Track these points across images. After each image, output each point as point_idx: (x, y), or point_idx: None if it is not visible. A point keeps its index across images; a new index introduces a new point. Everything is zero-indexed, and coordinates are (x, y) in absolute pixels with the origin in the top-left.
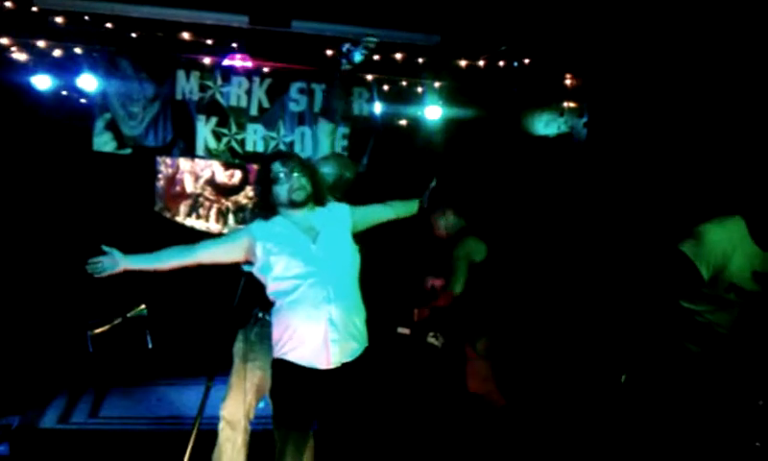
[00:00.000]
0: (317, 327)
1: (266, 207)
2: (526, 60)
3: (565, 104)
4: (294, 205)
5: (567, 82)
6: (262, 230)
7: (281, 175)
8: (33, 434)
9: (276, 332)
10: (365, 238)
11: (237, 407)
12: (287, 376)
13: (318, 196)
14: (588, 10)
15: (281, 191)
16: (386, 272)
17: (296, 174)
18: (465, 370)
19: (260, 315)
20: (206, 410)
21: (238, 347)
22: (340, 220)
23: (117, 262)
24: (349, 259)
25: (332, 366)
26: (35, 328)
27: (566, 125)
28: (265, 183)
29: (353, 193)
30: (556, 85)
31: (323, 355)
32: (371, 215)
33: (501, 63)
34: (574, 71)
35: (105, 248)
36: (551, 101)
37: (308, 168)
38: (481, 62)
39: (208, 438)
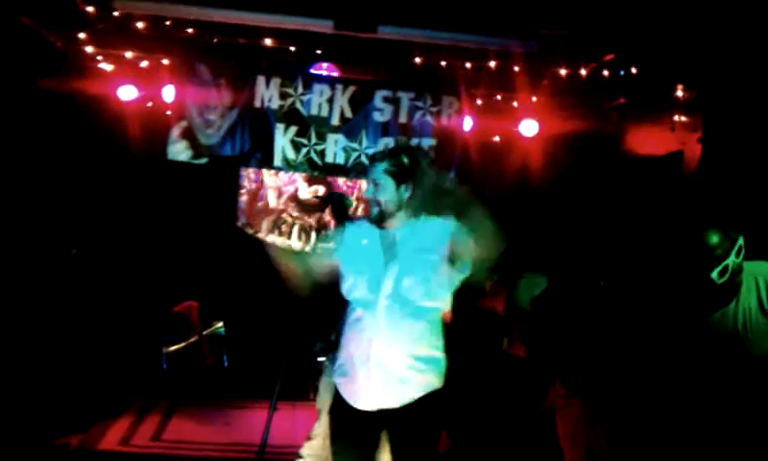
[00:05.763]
0: (364, 363)
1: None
2: (633, 70)
3: (677, 118)
4: (369, 220)
5: (679, 93)
6: (348, 232)
7: (370, 179)
8: (91, 457)
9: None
10: None
11: (322, 448)
12: (335, 406)
13: (425, 207)
14: (703, 13)
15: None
16: None
17: (374, 185)
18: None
19: None
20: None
21: (326, 381)
22: (432, 239)
23: None
24: (425, 292)
25: (370, 409)
26: (109, 343)
27: (678, 141)
28: None
29: None
30: (666, 97)
31: (361, 394)
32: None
33: (606, 73)
34: (687, 81)
35: None
36: (661, 115)
37: (401, 173)
38: (583, 71)
39: None
